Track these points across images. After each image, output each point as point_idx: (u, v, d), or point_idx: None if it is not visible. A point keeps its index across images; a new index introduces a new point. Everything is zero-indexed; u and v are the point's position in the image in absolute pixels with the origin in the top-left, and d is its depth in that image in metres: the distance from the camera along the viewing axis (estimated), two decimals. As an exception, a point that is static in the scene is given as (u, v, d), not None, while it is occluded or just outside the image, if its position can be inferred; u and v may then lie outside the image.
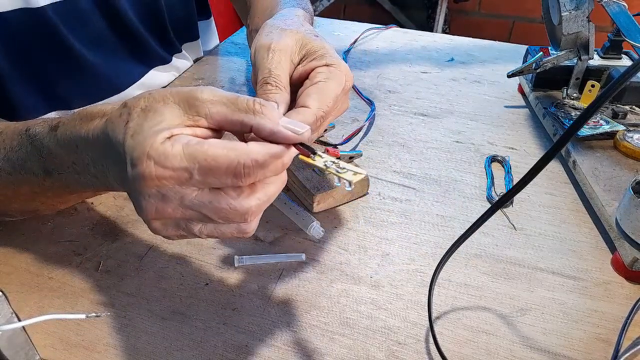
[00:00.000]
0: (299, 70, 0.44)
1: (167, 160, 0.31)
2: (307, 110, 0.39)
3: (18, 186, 0.45)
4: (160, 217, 0.33)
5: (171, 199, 0.32)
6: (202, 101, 0.33)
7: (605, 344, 0.41)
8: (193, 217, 0.33)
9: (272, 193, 0.34)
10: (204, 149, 0.31)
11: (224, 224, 0.34)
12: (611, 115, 0.63)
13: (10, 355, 0.32)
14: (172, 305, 0.44)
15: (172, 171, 0.31)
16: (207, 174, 0.31)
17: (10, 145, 0.44)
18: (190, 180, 0.32)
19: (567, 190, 0.58)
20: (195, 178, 0.31)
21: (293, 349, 0.41)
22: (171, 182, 0.32)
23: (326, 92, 0.41)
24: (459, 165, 0.62)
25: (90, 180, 0.41)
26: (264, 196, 0.34)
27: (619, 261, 0.47)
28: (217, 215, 0.33)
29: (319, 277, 0.47)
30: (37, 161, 0.42)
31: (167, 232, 0.35)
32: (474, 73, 0.83)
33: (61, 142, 0.40)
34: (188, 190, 0.32)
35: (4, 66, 0.56)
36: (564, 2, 0.61)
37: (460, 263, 0.48)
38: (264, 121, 0.33)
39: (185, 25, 0.78)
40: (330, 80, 0.42)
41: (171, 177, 0.31)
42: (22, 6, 0.55)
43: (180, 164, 0.31)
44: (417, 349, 0.41)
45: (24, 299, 0.45)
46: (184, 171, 0.31)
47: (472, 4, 2.20)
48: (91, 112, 0.39)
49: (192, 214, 0.33)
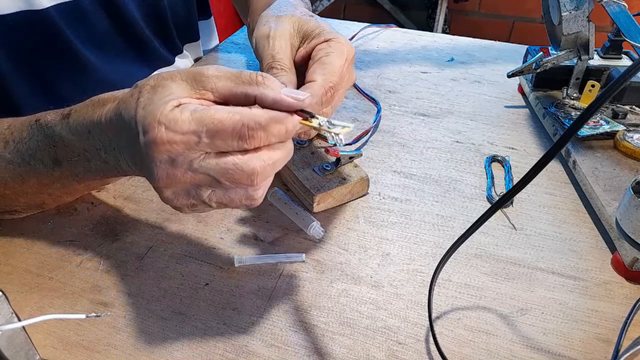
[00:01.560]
0: (300, 52, 0.46)
1: (176, 124, 0.33)
2: (315, 83, 0.41)
3: (26, 178, 0.45)
4: (171, 183, 0.35)
5: (181, 164, 0.34)
6: (208, 76, 0.35)
7: (605, 344, 0.41)
8: (202, 182, 0.35)
9: (276, 158, 0.35)
10: (210, 113, 0.33)
11: (232, 189, 0.35)
12: (611, 115, 0.63)
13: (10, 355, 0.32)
14: (172, 305, 0.44)
15: (182, 135, 0.33)
16: (214, 136, 0.33)
17: (19, 137, 0.45)
18: (198, 143, 0.33)
19: (567, 190, 0.58)
20: (203, 141, 0.33)
21: (293, 348, 0.41)
22: (181, 146, 0.33)
23: (330, 65, 0.43)
24: (459, 165, 0.62)
25: (100, 166, 0.42)
26: (269, 159, 0.35)
27: (619, 261, 0.47)
28: (224, 177, 0.34)
29: (319, 277, 0.47)
30: (47, 151, 0.43)
31: (178, 201, 0.36)
32: (474, 73, 0.83)
33: (73, 129, 0.42)
34: (196, 154, 0.34)
35: (7, 68, 0.56)
36: (564, 2, 0.61)
37: (460, 263, 0.48)
38: (266, 91, 0.35)
39: (186, 25, 0.79)
40: (331, 54, 0.44)
41: (181, 140, 0.33)
42: (25, 8, 0.54)
43: (189, 128, 0.33)
44: (417, 349, 0.41)
45: (24, 299, 0.45)
46: (193, 134, 0.33)
47: (472, 4, 2.20)
48: (103, 98, 0.41)
49: (201, 177, 0.34)
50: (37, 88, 0.60)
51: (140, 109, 0.35)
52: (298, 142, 0.59)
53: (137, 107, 0.35)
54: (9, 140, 0.45)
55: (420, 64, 0.86)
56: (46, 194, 0.48)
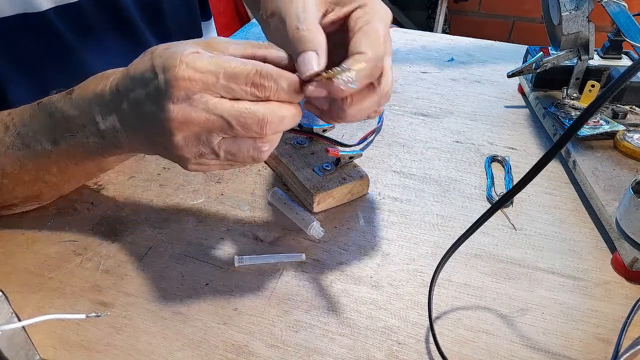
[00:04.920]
0: (330, 17, 0.43)
1: (196, 63, 0.35)
2: (362, 55, 0.39)
3: (24, 164, 0.47)
4: (184, 124, 0.36)
5: (197, 103, 0.35)
6: (219, 42, 0.39)
7: (605, 344, 0.41)
8: (214, 126, 0.36)
9: (285, 114, 0.37)
10: (227, 58, 0.36)
11: (242, 139, 0.37)
12: (611, 115, 0.63)
13: (10, 355, 0.32)
14: (172, 305, 0.44)
15: (201, 73, 0.35)
16: (230, 78, 0.35)
17: (20, 121, 0.47)
18: (216, 84, 0.35)
19: (567, 190, 0.58)
20: (220, 82, 0.35)
21: (293, 348, 0.41)
22: (199, 85, 0.35)
23: (373, 34, 0.40)
24: (459, 165, 0.62)
25: (98, 142, 0.44)
26: (279, 111, 0.36)
27: (619, 261, 0.47)
28: (236, 120, 0.36)
29: (319, 277, 0.47)
30: (47, 131, 0.45)
31: (187, 148, 0.37)
32: (474, 73, 0.83)
33: (75, 103, 0.44)
34: (212, 96, 0.36)
35: (6, 71, 0.56)
36: (564, 2, 0.61)
37: (460, 263, 0.48)
38: (274, 50, 0.39)
39: (188, 28, 0.78)
40: (371, 21, 0.41)
41: (200, 79, 0.35)
42: (23, 11, 0.54)
43: (207, 68, 0.35)
44: (417, 349, 0.41)
45: (24, 299, 0.45)
46: (211, 75, 0.35)
47: (472, 4, 2.19)
48: (107, 73, 0.43)
49: (214, 120, 0.36)
50: (37, 90, 0.59)
51: (157, 57, 0.37)
52: (298, 142, 0.59)
53: (152, 59, 0.37)
54: (9, 125, 0.47)
55: (420, 64, 0.86)
56: (43, 181, 0.49)
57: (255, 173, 0.60)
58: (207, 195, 0.56)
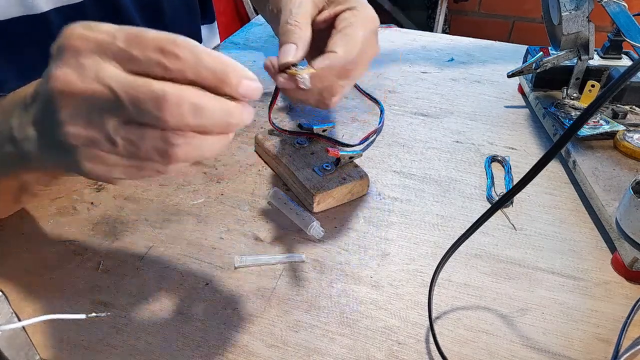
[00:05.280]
0: (324, 14, 0.44)
1: (95, 26, 0.29)
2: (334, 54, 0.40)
3: None
4: (67, 95, 0.29)
5: (87, 70, 0.28)
6: None
7: (605, 344, 0.41)
8: (104, 101, 0.28)
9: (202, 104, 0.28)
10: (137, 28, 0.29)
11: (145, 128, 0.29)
12: (611, 115, 0.63)
13: (10, 355, 0.32)
14: (172, 305, 0.44)
15: (97, 32, 0.29)
16: (132, 42, 0.28)
17: None
18: (111, 45, 0.28)
19: (567, 190, 0.58)
20: (117, 44, 0.28)
21: (293, 348, 0.41)
22: (92, 44, 0.29)
23: (352, 36, 0.42)
24: (459, 165, 0.62)
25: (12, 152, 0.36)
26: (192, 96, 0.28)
27: (619, 261, 0.47)
28: (125, 92, 0.28)
29: (319, 277, 0.47)
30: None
31: (74, 127, 0.29)
32: (474, 73, 0.83)
33: (2, 108, 0.37)
34: (108, 63, 0.28)
35: (5, 72, 0.55)
36: (564, 2, 0.61)
37: (460, 263, 0.48)
38: None
39: (189, 31, 0.78)
40: (354, 24, 0.42)
41: (94, 38, 0.29)
42: (23, 13, 0.54)
43: (106, 28, 0.29)
44: (417, 349, 0.41)
45: (24, 299, 0.45)
46: (108, 35, 0.28)
47: (472, 4, 2.19)
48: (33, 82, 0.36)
49: (100, 91, 0.28)
50: None
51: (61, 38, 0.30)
52: (298, 142, 0.59)
53: None
54: None
55: (420, 64, 0.86)
56: None
57: (255, 173, 0.60)
58: (207, 195, 0.56)
